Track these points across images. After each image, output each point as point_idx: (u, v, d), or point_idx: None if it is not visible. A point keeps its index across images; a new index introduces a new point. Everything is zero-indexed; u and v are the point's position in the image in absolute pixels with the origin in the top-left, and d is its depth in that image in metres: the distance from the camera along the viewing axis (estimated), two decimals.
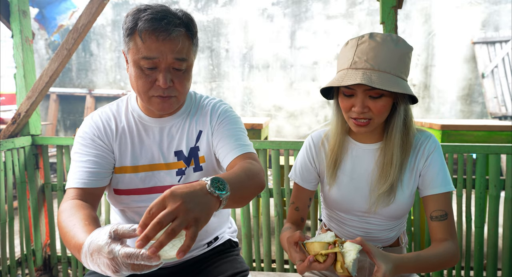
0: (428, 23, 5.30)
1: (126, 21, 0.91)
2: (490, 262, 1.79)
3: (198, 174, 1.06)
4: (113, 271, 0.66)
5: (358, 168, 1.07)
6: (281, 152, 3.60)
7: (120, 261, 0.65)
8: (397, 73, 0.92)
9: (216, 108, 1.10)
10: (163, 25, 0.88)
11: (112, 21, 6.00)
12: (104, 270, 0.67)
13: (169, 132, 1.06)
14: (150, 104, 0.97)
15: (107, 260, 0.66)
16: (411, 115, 1.02)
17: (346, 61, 0.95)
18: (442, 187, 1.01)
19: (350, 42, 0.97)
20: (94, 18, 1.87)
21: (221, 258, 1.15)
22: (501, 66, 4.94)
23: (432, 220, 1.00)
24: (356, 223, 1.09)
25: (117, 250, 0.66)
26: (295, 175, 1.16)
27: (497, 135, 2.45)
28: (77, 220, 0.83)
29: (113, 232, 0.69)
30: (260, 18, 5.69)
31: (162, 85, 0.92)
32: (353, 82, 0.89)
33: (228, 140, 1.03)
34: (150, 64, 0.91)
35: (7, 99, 5.02)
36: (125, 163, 1.04)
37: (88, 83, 6.16)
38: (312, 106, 5.68)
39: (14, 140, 2.00)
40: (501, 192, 1.77)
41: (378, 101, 0.94)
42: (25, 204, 2.10)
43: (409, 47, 0.95)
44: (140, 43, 0.89)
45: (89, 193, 0.97)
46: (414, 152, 1.03)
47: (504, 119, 4.79)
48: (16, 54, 2.06)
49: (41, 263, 2.20)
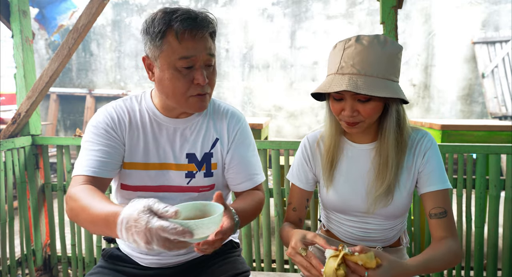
0: (428, 23, 5.30)
1: (154, 25, 0.91)
2: (490, 262, 1.79)
3: (207, 180, 1.07)
4: (145, 242, 0.68)
5: (354, 169, 1.07)
6: (281, 152, 3.60)
7: (154, 232, 0.67)
8: (385, 75, 0.92)
9: (235, 121, 1.12)
10: (198, 23, 0.90)
11: (112, 21, 6.00)
12: (137, 240, 0.68)
13: (183, 133, 1.06)
14: (187, 105, 0.98)
15: (142, 229, 0.67)
16: (403, 115, 1.02)
17: (333, 66, 0.96)
18: (439, 184, 1.01)
19: (338, 45, 0.96)
20: (94, 18, 1.86)
21: (222, 259, 1.15)
22: (501, 66, 4.94)
23: (431, 218, 1.00)
24: (355, 224, 1.09)
25: (154, 222, 0.67)
26: (292, 176, 1.16)
27: (497, 135, 2.45)
28: (101, 197, 0.85)
29: (148, 207, 0.70)
30: (260, 18, 5.69)
31: (202, 82, 0.93)
32: (339, 88, 0.89)
33: (243, 167, 1.10)
34: (187, 63, 0.92)
35: (7, 99, 5.02)
36: (135, 159, 1.04)
37: (88, 83, 6.16)
38: (312, 106, 5.68)
39: (14, 140, 2.00)
40: (501, 192, 1.77)
41: (367, 104, 0.94)
42: (25, 204, 2.10)
43: (397, 47, 0.94)
44: (176, 43, 0.90)
45: (99, 182, 0.96)
46: (410, 151, 1.03)
47: (504, 119, 4.79)
48: (16, 54, 2.06)
49: (41, 263, 2.20)
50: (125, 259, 1.12)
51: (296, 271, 1.99)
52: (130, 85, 6.09)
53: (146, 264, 1.10)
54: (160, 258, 1.09)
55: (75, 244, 2.14)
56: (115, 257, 1.14)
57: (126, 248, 1.13)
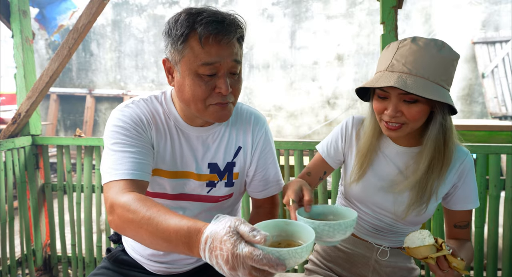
0: (428, 23, 5.30)
1: (176, 27, 0.84)
2: (490, 262, 1.79)
3: (228, 189, 1.04)
4: (230, 268, 0.60)
5: (388, 169, 1.05)
6: (281, 152, 3.57)
7: (242, 260, 0.59)
8: (437, 80, 0.87)
9: (258, 127, 1.06)
10: (226, 27, 0.83)
11: (112, 21, 6.00)
12: (221, 263, 0.60)
13: (205, 141, 1.00)
14: (206, 113, 0.90)
15: (229, 254, 0.59)
16: (451, 127, 0.96)
17: (384, 63, 0.92)
18: (473, 204, 1.04)
19: (392, 44, 0.94)
20: (94, 18, 1.86)
21: None
22: (501, 66, 4.93)
23: (455, 228, 1.06)
24: (370, 219, 1.08)
25: (241, 248, 0.59)
26: (321, 146, 1.15)
27: (497, 135, 2.45)
28: (167, 209, 0.73)
29: (235, 228, 0.61)
30: (260, 18, 5.69)
31: (224, 92, 0.86)
32: (386, 84, 0.86)
33: (268, 174, 1.09)
34: (210, 70, 0.84)
35: (7, 99, 5.02)
36: (161, 165, 0.98)
37: (88, 83, 6.16)
38: (312, 106, 5.68)
39: (14, 140, 2.00)
40: (501, 192, 1.77)
41: (412, 106, 0.89)
42: (25, 204, 2.10)
43: (455, 54, 0.90)
44: (199, 48, 0.83)
45: (140, 187, 0.85)
46: (453, 166, 1.01)
47: (504, 119, 4.79)
48: (16, 54, 2.06)
49: (41, 263, 2.20)
50: (132, 263, 1.10)
51: (296, 271, 1.99)
52: (130, 85, 6.09)
53: (154, 271, 1.08)
54: (168, 267, 1.07)
55: (75, 244, 2.14)
56: (120, 261, 1.12)
57: (133, 252, 1.11)
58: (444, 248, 0.84)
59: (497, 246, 1.77)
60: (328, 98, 5.66)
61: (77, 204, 2.11)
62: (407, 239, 0.88)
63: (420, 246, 0.84)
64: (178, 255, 1.05)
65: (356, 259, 1.11)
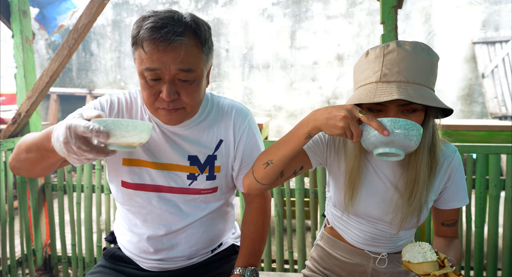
0: (428, 23, 5.30)
1: (132, 29, 0.88)
2: (490, 262, 1.79)
3: (210, 183, 1.04)
4: (64, 142, 0.72)
5: (381, 184, 1.00)
6: None
7: (73, 129, 0.71)
8: (429, 84, 0.83)
9: (240, 120, 1.05)
10: (162, 34, 0.82)
11: (112, 21, 6.00)
12: (59, 135, 0.73)
13: (184, 134, 1.02)
14: (156, 115, 0.93)
15: (65, 127, 0.72)
16: (436, 130, 0.94)
17: (372, 74, 0.84)
18: (462, 202, 1.01)
19: (371, 52, 0.86)
20: (94, 18, 1.87)
21: (223, 263, 1.14)
22: (501, 66, 4.94)
23: (443, 226, 1.04)
24: (365, 228, 1.04)
25: (75, 120, 0.73)
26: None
27: (497, 135, 2.45)
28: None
29: (80, 112, 0.77)
30: (260, 18, 5.69)
31: (166, 98, 0.87)
32: (389, 97, 0.77)
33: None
34: (153, 76, 0.86)
35: (7, 99, 5.02)
36: (137, 155, 1.00)
37: (88, 83, 6.17)
38: (312, 106, 5.68)
39: (14, 140, 2.00)
40: (501, 192, 1.77)
41: (411, 116, 0.84)
42: (25, 204, 2.10)
43: (437, 55, 0.87)
44: (143, 53, 0.85)
45: None
46: (440, 169, 0.98)
47: (504, 119, 4.79)
48: (16, 54, 2.06)
49: (41, 263, 2.20)
50: (127, 260, 1.12)
51: (296, 271, 1.99)
52: (130, 85, 6.09)
53: (147, 267, 1.09)
54: (161, 263, 1.08)
55: (75, 244, 2.14)
56: (116, 257, 1.13)
57: (127, 250, 1.12)
58: (447, 265, 0.81)
59: (497, 246, 1.77)
60: (328, 98, 5.66)
61: (77, 204, 2.12)
62: (405, 252, 0.84)
63: (423, 263, 0.81)
64: (168, 253, 1.06)
65: (353, 267, 1.08)
